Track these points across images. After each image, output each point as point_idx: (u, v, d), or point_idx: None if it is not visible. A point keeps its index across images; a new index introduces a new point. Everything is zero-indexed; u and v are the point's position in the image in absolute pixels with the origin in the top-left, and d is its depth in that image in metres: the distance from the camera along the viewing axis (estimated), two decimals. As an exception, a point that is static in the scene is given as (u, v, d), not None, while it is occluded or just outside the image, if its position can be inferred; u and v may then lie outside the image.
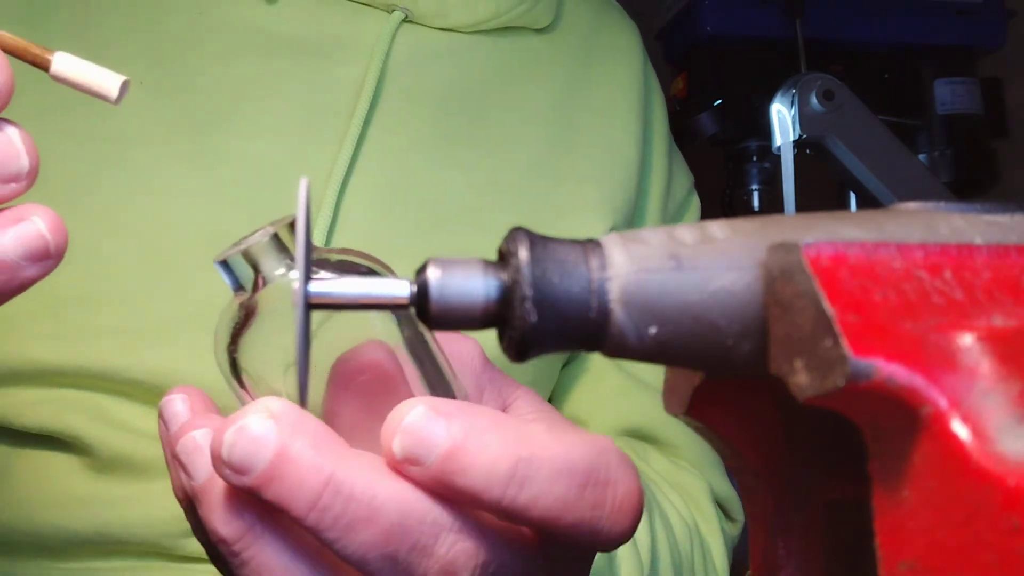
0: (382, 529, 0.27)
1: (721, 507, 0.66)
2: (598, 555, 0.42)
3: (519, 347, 0.25)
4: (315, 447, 0.27)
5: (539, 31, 0.64)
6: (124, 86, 0.30)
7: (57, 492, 0.51)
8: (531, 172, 0.60)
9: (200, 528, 0.31)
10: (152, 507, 0.49)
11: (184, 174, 0.52)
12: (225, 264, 0.32)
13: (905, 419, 0.20)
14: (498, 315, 0.25)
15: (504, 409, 0.36)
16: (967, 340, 0.20)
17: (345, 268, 0.32)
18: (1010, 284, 0.22)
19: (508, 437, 0.28)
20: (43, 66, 0.30)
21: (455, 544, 0.28)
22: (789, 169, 0.82)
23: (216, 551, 0.30)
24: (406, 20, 0.58)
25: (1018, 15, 0.96)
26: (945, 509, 0.19)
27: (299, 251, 0.26)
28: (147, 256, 0.51)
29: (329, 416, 0.31)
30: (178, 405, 0.32)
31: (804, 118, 0.83)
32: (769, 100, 0.84)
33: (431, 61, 0.59)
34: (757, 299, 0.23)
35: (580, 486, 0.28)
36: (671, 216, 0.68)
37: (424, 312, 0.26)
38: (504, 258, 0.26)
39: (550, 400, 0.65)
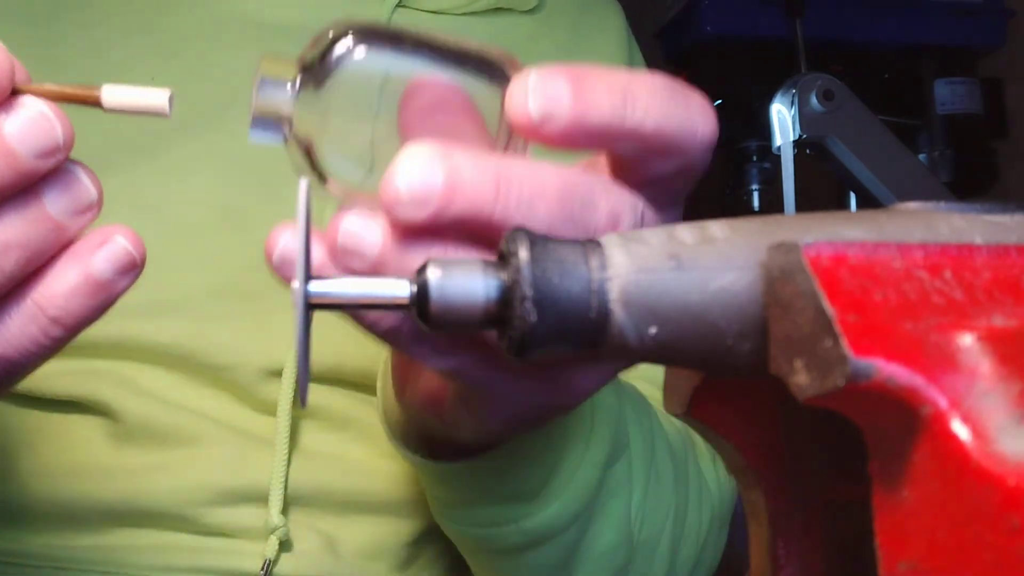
0: (555, 196, 0.30)
1: None
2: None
3: (519, 347, 0.25)
4: (472, 156, 0.30)
5: (527, 12, 0.68)
6: (171, 99, 0.34)
7: (82, 461, 0.53)
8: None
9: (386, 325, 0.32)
10: (176, 476, 0.51)
11: (202, 158, 0.55)
12: (262, 124, 0.34)
13: (905, 419, 0.20)
14: (498, 315, 0.25)
15: None
16: (967, 340, 0.20)
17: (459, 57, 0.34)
18: (1010, 284, 0.22)
19: (604, 75, 0.31)
20: (94, 103, 0.34)
21: (611, 194, 0.32)
22: (789, 169, 0.82)
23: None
24: (400, 5, 0.61)
25: (1018, 15, 0.96)
26: (945, 509, 0.19)
27: (299, 250, 0.26)
28: (168, 233, 0.54)
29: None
30: (286, 236, 0.33)
31: (804, 118, 0.83)
32: (769, 100, 0.84)
33: None
34: (757, 299, 0.23)
35: (671, 94, 0.32)
36: None
37: (424, 313, 0.26)
38: (504, 258, 0.26)
39: None
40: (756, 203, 0.93)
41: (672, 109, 0.32)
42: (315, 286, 0.26)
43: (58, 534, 0.53)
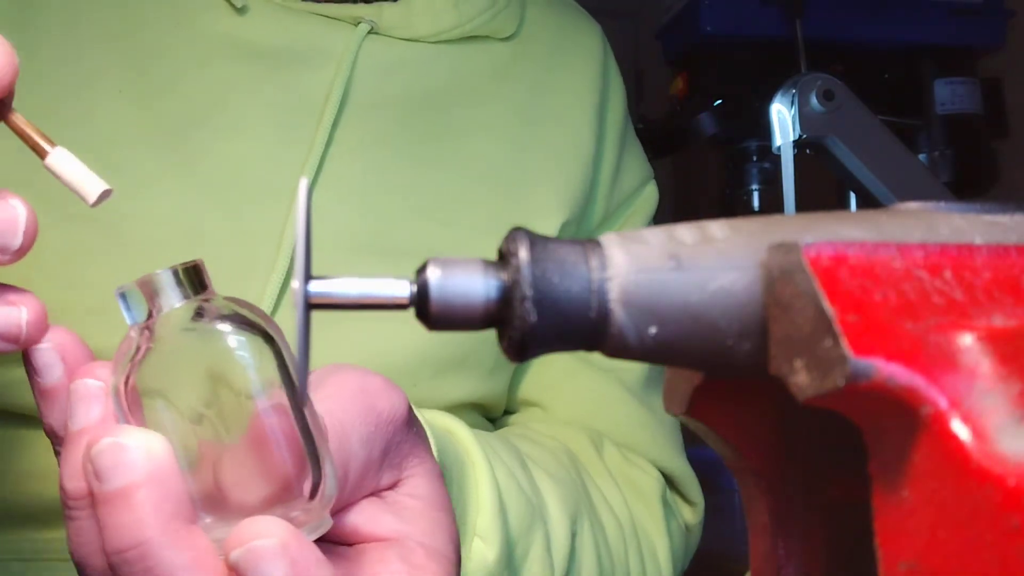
0: None
1: (677, 489, 0.68)
2: (501, 560, 0.48)
3: (519, 347, 0.25)
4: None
5: (504, 39, 0.66)
6: (104, 195, 0.32)
7: (45, 466, 0.54)
8: (492, 170, 0.63)
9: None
10: None
11: (164, 175, 0.55)
12: (124, 296, 0.34)
13: (905, 419, 0.20)
14: (498, 315, 0.25)
15: (396, 483, 0.37)
16: (967, 340, 0.20)
17: (234, 319, 0.34)
18: (1010, 284, 0.22)
19: None
20: (40, 155, 0.32)
21: None
22: (789, 169, 0.82)
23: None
24: (372, 31, 0.60)
25: (1018, 15, 0.96)
26: (945, 509, 0.19)
27: (299, 250, 0.26)
28: (129, 250, 0.55)
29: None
30: (49, 356, 0.34)
31: (804, 118, 0.83)
32: (769, 100, 0.84)
33: (396, 69, 0.61)
34: (757, 299, 0.23)
35: None
36: (615, 205, 0.71)
37: (424, 312, 0.26)
38: (504, 258, 0.26)
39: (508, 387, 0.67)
40: (756, 203, 0.93)
41: None
42: (315, 286, 0.26)
43: (20, 534, 0.54)
